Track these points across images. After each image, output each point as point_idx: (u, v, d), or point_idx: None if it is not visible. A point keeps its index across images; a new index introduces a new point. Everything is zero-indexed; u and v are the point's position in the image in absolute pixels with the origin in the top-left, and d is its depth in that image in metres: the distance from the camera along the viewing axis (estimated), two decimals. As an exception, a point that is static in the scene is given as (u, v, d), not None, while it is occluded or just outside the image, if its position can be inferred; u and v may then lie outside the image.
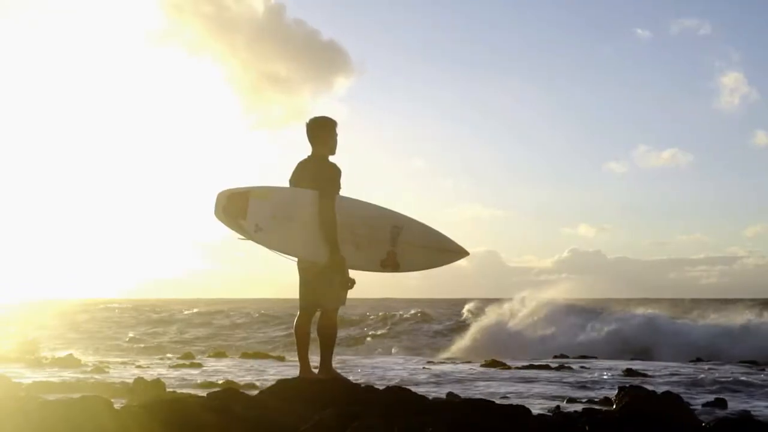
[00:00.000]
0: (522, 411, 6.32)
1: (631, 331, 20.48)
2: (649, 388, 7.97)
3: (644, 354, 18.70)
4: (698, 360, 16.91)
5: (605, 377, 12.94)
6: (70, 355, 15.04)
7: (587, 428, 5.63)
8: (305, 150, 6.87)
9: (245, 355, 17.43)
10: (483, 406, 6.48)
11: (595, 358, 17.62)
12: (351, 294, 6.74)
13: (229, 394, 6.04)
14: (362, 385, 6.69)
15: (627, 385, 8.59)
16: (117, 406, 5.52)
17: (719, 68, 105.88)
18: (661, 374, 13.32)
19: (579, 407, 7.78)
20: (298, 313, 6.75)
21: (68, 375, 11.74)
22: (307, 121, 6.86)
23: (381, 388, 6.69)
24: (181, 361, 15.62)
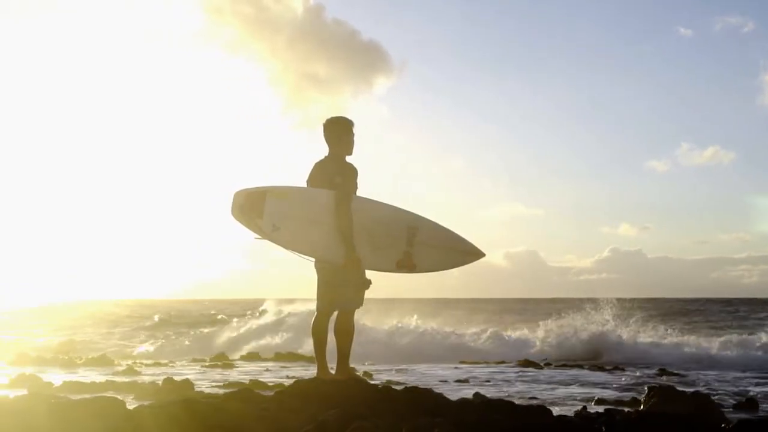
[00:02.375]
0: (540, 412, 6.24)
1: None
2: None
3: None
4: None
5: (642, 378, 12.80)
6: (104, 355, 15.23)
7: (604, 429, 5.54)
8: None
9: (278, 357, 17.50)
10: (502, 406, 6.43)
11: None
12: (369, 294, 6.71)
13: (245, 394, 6.05)
14: (379, 386, 6.63)
15: (657, 386, 8.49)
16: (133, 406, 5.56)
17: (762, 66, 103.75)
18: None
19: (606, 408, 7.67)
20: (316, 313, 6.73)
21: (99, 375, 11.86)
22: (324, 121, 6.84)
23: (399, 389, 6.64)
24: (213, 362, 15.75)
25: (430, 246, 6.77)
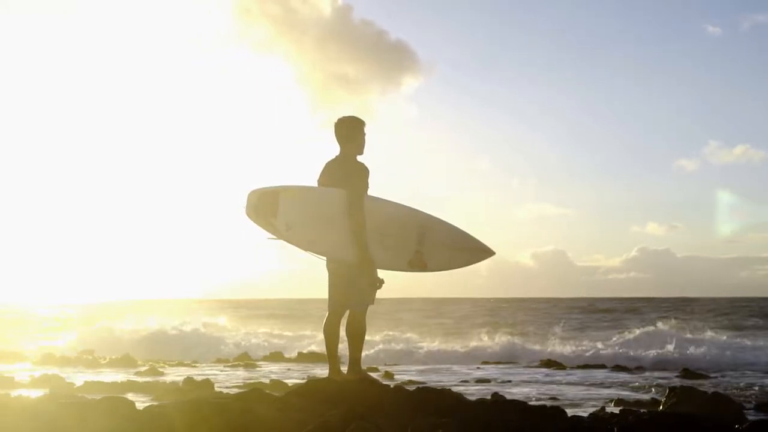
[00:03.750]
0: (553, 412, 6.19)
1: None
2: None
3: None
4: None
5: (663, 378, 12.68)
6: (127, 355, 15.35)
7: (616, 430, 5.48)
8: (374, 150, 6.86)
9: (301, 357, 17.54)
10: (515, 406, 6.38)
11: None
12: (384, 293, 6.70)
13: (255, 394, 6.05)
14: (392, 386, 6.62)
15: (678, 386, 8.40)
16: (141, 406, 5.59)
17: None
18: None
19: (621, 409, 7.59)
20: (327, 313, 6.73)
21: (121, 376, 11.95)
22: (335, 120, 6.84)
23: (411, 389, 6.63)
24: (236, 363, 15.83)
25: (441, 245, 6.75)
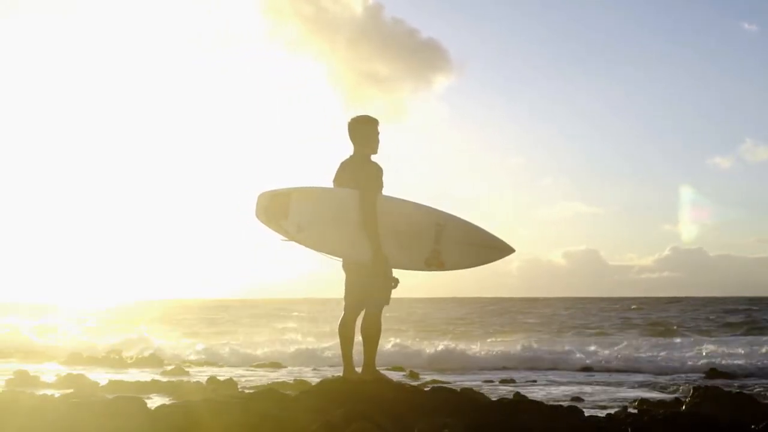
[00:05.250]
0: (569, 412, 6.13)
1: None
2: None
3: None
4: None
5: (692, 379, 12.52)
6: (153, 354, 15.49)
7: (629, 430, 5.42)
8: (402, 148, 6.86)
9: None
10: (530, 406, 6.33)
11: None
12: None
13: (269, 394, 6.07)
14: (407, 386, 6.60)
15: (702, 387, 8.29)
16: (154, 406, 5.62)
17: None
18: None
19: (640, 409, 7.52)
20: (343, 313, 6.72)
21: (146, 375, 12.05)
22: (349, 120, 6.82)
23: (427, 389, 6.60)
24: (261, 362, 15.90)
25: (458, 243, 6.69)
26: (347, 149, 6.81)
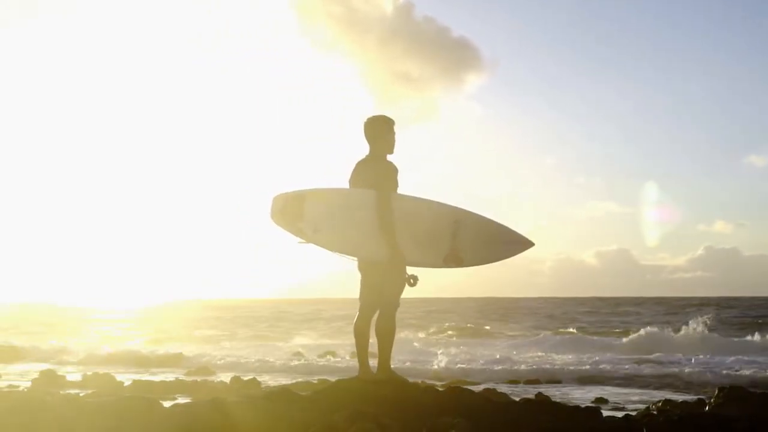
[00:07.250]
0: (586, 413, 6.07)
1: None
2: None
3: None
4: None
5: (722, 378, 12.37)
6: (180, 354, 15.60)
7: (645, 430, 5.35)
8: (434, 147, 6.82)
9: (354, 356, 17.52)
10: (547, 407, 6.28)
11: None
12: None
13: (283, 394, 6.06)
14: (421, 386, 6.57)
15: (727, 387, 8.17)
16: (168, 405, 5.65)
17: None
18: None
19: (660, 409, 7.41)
20: (358, 313, 6.71)
21: (171, 375, 12.14)
22: (365, 120, 6.81)
23: (441, 389, 6.57)
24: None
25: (476, 239, 6.65)
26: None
